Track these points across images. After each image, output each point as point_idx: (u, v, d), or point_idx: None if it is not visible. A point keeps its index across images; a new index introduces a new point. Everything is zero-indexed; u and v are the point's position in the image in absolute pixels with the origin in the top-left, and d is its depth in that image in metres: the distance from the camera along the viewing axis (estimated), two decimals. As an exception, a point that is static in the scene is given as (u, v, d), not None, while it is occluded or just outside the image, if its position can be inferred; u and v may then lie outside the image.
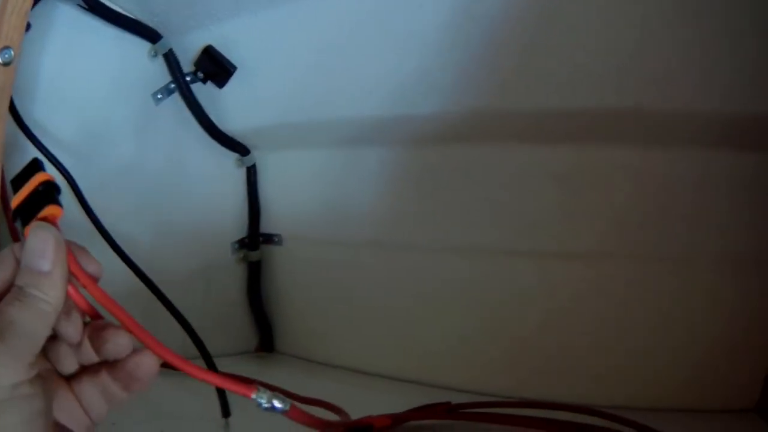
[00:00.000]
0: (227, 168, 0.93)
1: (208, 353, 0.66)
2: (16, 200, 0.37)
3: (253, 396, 0.38)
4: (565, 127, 0.69)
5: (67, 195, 0.71)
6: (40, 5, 0.67)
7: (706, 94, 0.62)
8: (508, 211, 0.76)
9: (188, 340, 0.69)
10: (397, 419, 0.63)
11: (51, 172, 0.67)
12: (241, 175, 0.94)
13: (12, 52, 0.59)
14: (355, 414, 0.61)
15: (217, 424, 0.62)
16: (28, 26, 0.60)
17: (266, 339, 0.99)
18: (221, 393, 0.64)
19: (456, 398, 0.68)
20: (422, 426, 0.65)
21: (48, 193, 0.37)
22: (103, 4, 0.73)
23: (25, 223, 0.36)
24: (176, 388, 0.73)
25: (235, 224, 0.95)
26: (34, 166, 0.38)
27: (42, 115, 0.70)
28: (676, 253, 0.71)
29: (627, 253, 0.72)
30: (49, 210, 0.36)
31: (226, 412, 0.64)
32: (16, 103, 0.66)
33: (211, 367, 0.65)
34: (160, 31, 0.80)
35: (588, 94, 0.65)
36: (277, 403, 0.38)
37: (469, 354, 0.81)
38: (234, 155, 0.92)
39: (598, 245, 0.73)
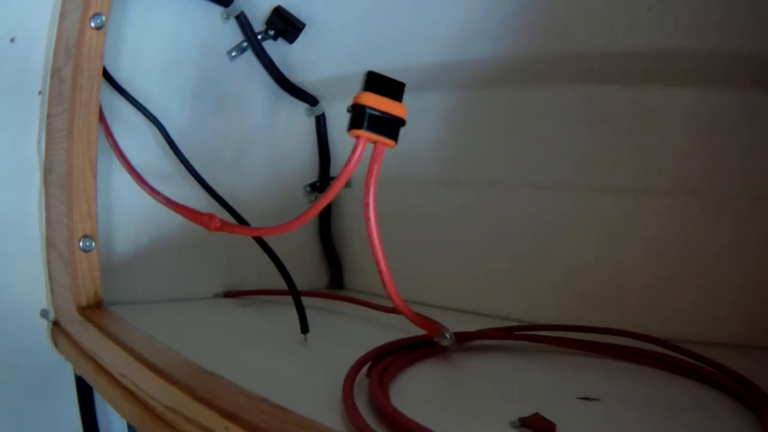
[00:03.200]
0: (298, 118, 1.00)
1: (294, 283, 0.73)
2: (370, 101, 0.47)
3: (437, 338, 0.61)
4: (607, 68, 0.73)
5: (159, 141, 0.80)
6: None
7: (743, 35, 0.64)
8: (558, 148, 0.81)
9: (263, 272, 0.77)
10: (460, 337, 0.67)
11: (142, 121, 0.78)
12: (311, 123, 1.01)
13: (103, 18, 0.68)
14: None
15: (297, 339, 0.69)
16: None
17: (336, 277, 1.07)
18: (301, 312, 0.70)
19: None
20: (483, 345, 0.69)
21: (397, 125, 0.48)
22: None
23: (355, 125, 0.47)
24: (258, 315, 0.83)
25: (306, 169, 1.03)
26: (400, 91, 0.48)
27: (128, 74, 0.78)
28: (727, 189, 0.73)
29: (669, 187, 0.75)
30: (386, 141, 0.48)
31: (304, 328, 0.69)
32: (107, 64, 0.75)
33: (296, 295, 0.72)
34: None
35: (625, 35, 0.69)
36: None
37: (525, 284, 0.86)
38: (304, 105, 1.00)
39: (643, 181, 0.76)
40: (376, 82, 0.48)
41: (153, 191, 0.69)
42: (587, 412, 0.50)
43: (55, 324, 0.73)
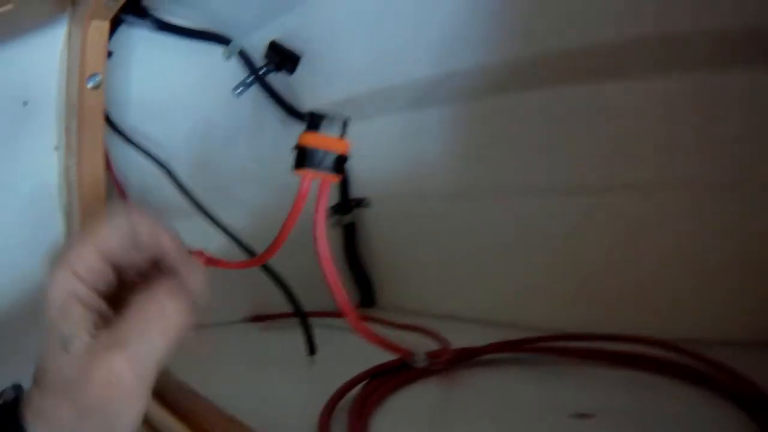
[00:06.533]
0: (312, 144, 1.03)
1: (298, 303, 0.77)
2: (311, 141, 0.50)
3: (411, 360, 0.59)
4: (594, 64, 0.72)
5: (167, 184, 0.85)
6: (117, 34, 0.79)
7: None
8: (559, 150, 0.80)
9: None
10: (464, 354, 0.66)
11: (149, 166, 0.82)
12: (325, 148, 1.03)
13: (99, 77, 0.72)
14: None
15: (304, 360, 0.71)
16: (110, 54, 0.73)
17: (366, 295, 1.09)
18: (308, 333, 0.72)
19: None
20: (490, 360, 0.68)
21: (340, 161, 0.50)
22: (171, 24, 0.85)
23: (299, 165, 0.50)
24: (266, 337, 0.86)
25: (325, 192, 1.05)
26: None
27: (136, 122, 0.83)
28: (729, 179, 0.70)
29: (681, 181, 0.72)
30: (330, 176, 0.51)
31: (312, 350, 0.72)
32: (113, 115, 0.80)
33: (301, 315, 0.76)
34: (229, 35, 0.91)
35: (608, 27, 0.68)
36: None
37: (545, 291, 0.84)
38: (316, 132, 1.02)
39: (652, 176, 0.74)
40: (318, 121, 0.50)
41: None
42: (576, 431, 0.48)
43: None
